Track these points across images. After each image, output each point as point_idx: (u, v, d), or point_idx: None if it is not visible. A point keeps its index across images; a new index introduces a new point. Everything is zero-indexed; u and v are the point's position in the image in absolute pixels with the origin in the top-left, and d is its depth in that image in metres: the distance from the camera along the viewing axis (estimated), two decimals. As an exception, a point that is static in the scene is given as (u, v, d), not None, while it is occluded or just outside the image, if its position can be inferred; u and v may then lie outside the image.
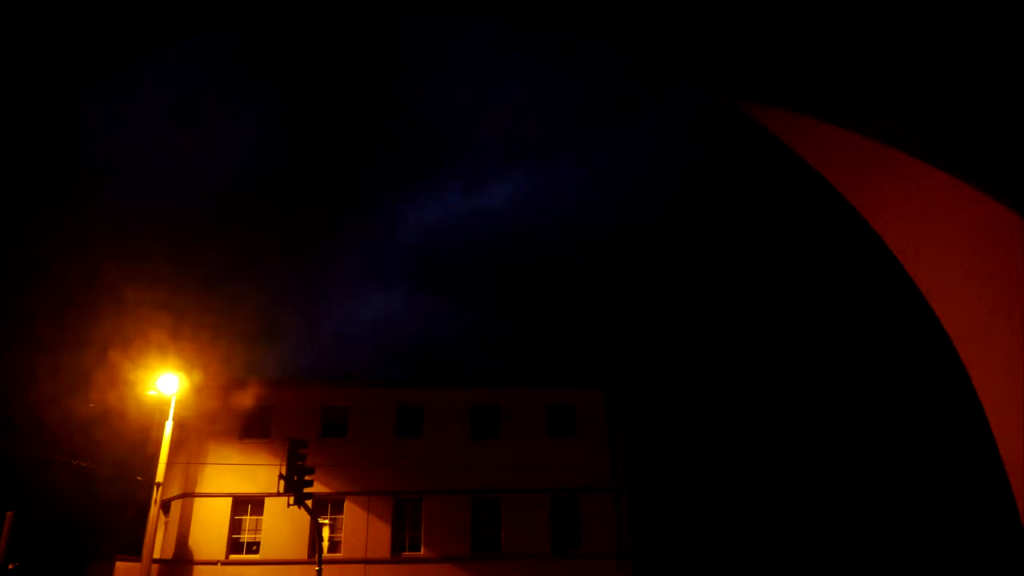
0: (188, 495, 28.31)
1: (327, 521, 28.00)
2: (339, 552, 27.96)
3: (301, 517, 25.85)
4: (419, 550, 28.31)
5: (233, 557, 27.69)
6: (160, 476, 23.40)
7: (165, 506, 27.95)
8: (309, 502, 22.35)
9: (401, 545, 28.42)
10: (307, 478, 21.81)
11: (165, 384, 24.29)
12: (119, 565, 25.95)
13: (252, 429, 29.41)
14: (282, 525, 27.64)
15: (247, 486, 28.33)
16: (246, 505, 28.50)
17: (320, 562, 23.51)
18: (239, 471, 28.35)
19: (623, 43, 2.89)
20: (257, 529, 28.17)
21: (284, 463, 22.06)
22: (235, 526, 28.23)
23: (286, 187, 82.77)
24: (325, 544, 26.59)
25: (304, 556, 27.30)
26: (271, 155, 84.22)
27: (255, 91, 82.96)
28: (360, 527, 28.33)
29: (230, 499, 28.35)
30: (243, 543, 28.06)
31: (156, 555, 25.34)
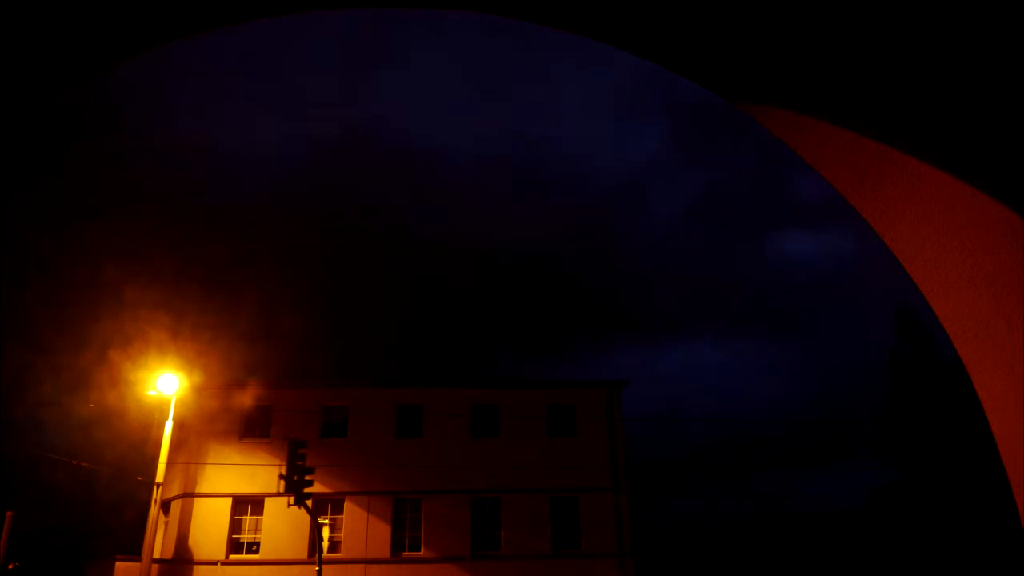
0: (188, 495, 28.30)
1: (327, 521, 27.99)
2: (339, 552, 27.95)
3: (301, 517, 25.84)
4: (419, 550, 28.30)
5: (233, 557, 27.68)
6: (160, 476, 23.39)
7: (165, 506, 27.94)
8: (309, 502, 22.34)
9: (401, 545, 28.41)
10: (307, 478, 21.80)
11: (165, 384, 24.26)
12: (119, 565, 25.95)
13: (252, 429, 29.40)
14: (282, 525, 27.63)
15: (247, 486, 28.32)
16: (246, 505, 28.48)
17: (320, 562, 23.51)
18: (239, 471, 28.34)
19: (623, 42, 2.89)
20: (257, 529, 28.16)
21: (284, 463, 22.05)
22: (235, 526, 28.22)
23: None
24: (325, 544, 26.58)
25: (304, 556, 27.30)
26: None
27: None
28: (360, 527, 28.32)
29: (230, 499, 28.34)
30: (243, 543, 28.05)
31: (156, 555, 25.33)
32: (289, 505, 22.22)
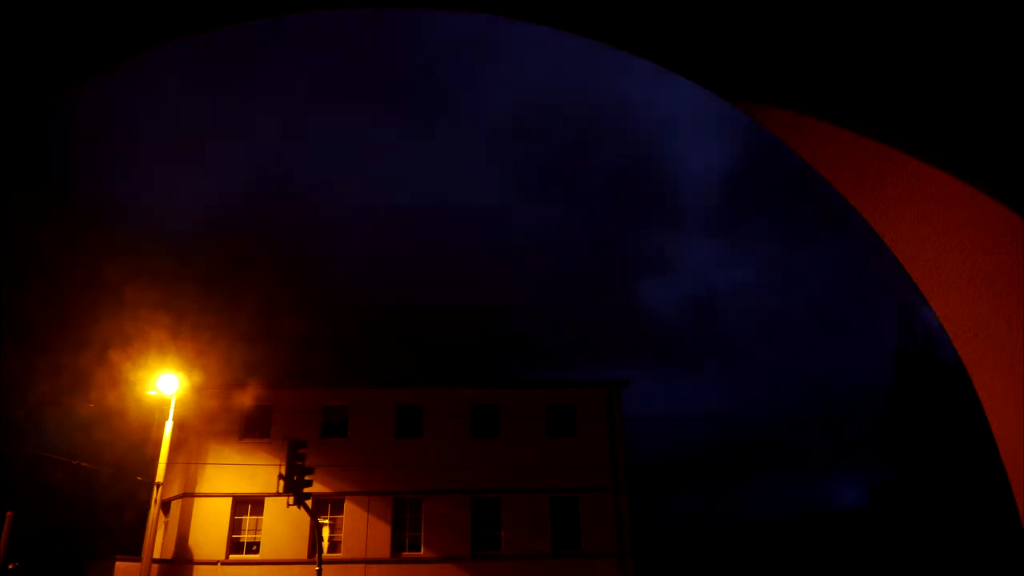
0: (188, 495, 28.30)
1: (327, 521, 27.98)
2: (339, 552, 27.94)
3: (301, 517, 25.83)
4: (419, 550, 28.29)
5: (233, 557, 27.68)
6: (160, 476, 23.39)
7: (165, 506, 27.93)
8: (309, 502, 22.34)
9: (401, 545, 28.40)
10: (307, 478, 21.80)
11: (165, 384, 24.25)
12: (119, 565, 25.94)
13: (252, 429, 29.40)
14: (282, 525, 27.63)
15: (247, 486, 28.31)
16: (246, 505, 28.48)
17: (320, 562, 23.50)
18: (239, 471, 28.34)
19: (623, 41, 2.89)
20: (257, 529, 28.16)
21: (284, 463, 22.04)
22: (235, 526, 28.21)
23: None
24: (325, 544, 26.58)
25: (304, 556, 27.29)
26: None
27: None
28: (360, 527, 28.32)
29: (230, 499, 28.33)
30: (243, 543, 28.04)
31: (156, 555, 25.32)
32: (289, 505, 22.22)
